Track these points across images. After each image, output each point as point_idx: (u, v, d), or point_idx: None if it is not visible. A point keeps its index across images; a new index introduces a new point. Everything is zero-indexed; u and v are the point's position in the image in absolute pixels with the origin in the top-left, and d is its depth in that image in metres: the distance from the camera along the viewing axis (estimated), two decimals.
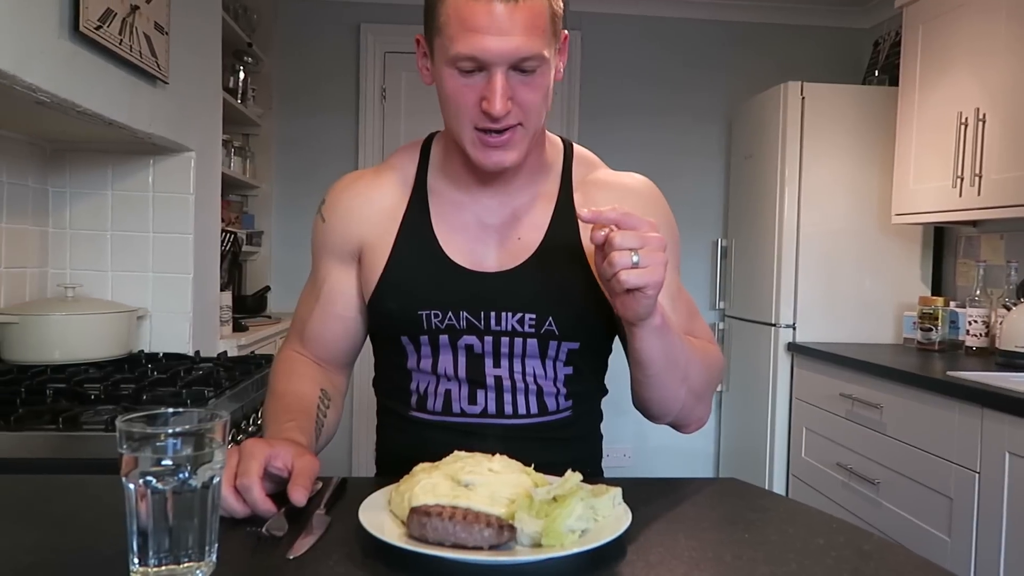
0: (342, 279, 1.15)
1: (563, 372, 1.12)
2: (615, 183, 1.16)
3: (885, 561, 0.79)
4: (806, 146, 3.20)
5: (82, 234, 2.24)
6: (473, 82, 0.97)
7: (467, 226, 1.11)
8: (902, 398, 2.41)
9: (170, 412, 0.72)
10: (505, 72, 0.96)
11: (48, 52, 1.51)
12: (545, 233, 1.10)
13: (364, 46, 3.82)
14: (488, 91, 0.96)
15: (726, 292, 3.87)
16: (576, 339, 1.10)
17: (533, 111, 1.01)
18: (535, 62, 0.97)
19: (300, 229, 3.82)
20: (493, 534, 0.72)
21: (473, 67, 0.96)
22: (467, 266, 1.09)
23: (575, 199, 1.13)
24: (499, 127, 0.99)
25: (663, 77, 3.95)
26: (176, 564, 0.68)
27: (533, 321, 1.07)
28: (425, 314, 1.07)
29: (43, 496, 0.94)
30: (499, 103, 0.96)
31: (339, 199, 1.16)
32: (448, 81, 0.99)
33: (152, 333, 2.26)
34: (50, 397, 1.60)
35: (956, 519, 2.14)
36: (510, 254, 1.10)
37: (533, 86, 0.99)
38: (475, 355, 1.09)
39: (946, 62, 2.73)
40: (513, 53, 0.94)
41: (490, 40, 0.93)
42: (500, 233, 1.11)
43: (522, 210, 1.12)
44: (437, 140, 1.17)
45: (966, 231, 3.14)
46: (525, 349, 1.09)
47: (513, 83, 0.97)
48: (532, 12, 0.95)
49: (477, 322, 1.08)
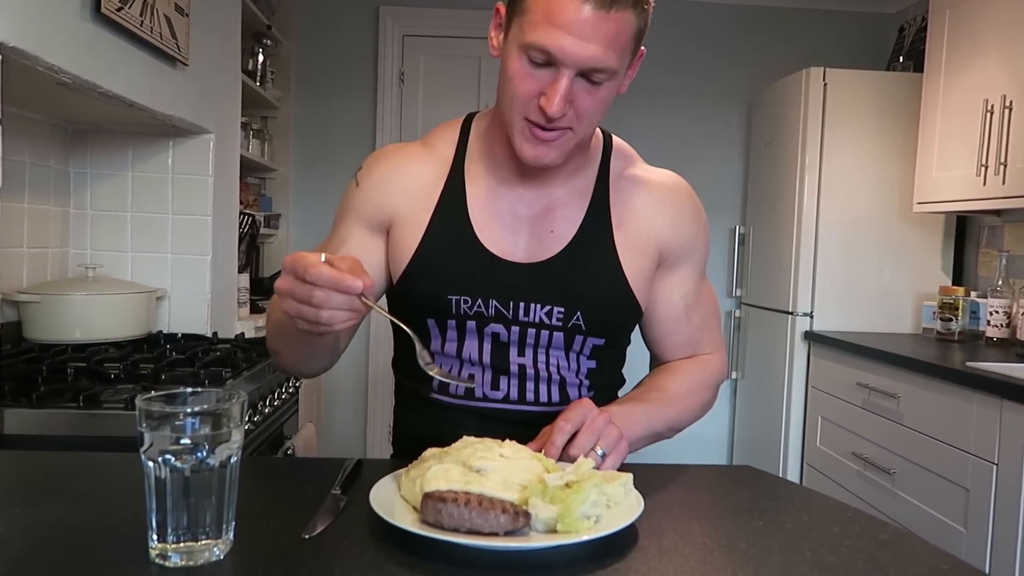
0: (364, 243, 1.11)
1: (586, 365, 1.12)
2: (649, 181, 1.15)
3: (900, 551, 0.78)
4: (827, 133, 3.16)
5: (103, 215, 2.26)
6: (539, 74, 0.95)
7: (500, 215, 1.10)
8: (920, 388, 2.39)
9: (188, 392, 0.73)
10: (572, 76, 0.94)
11: (70, 33, 1.52)
12: (579, 228, 1.09)
13: (383, 29, 3.81)
14: (551, 89, 0.94)
15: (743, 280, 3.84)
16: (602, 335, 1.10)
17: (587, 119, 0.99)
18: (605, 75, 0.95)
19: (318, 212, 3.83)
20: (509, 520, 0.72)
21: (543, 60, 0.94)
22: (500, 255, 1.08)
23: (610, 197, 1.11)
24: (551, 127, 0.98)
25: (683, 63, 3.91)
26: (194, 541, 0.69)
27: (561, 315, 1.07)
28: (455, 299, 1.07)
29: (64, 473, 0.96)
30: (557, 104, 0.94)
31: (377, 168, 1.13)
32: (514, 64, 0.97)
33: (171, 314, 2.28)
34: (71, 376, 1.62)
35: (972, 510, 2.13)
36: (542, 246, 1.09)
37: (595, 96, 0.97)
38: (500, 343, 1.09)
39: (973, 48, 2.68)
40: (587, 61, 0.92)
41: (569, 41, 0.91)
42: (533, 224, 1.10)
43: (557, 203, 1.10)
44: (477, 122, 1.15)
45: (989, 220, 3.09)
46: (551, 341, 1.09)
47: (576, 88, 0.95)
48: (619, 26, 0.92)
49: (506, 312, 1.07)
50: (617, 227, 1.10)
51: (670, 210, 1.13)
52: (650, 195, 1.13)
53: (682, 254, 1.14)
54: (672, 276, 1.15)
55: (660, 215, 1.12)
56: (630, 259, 1.09)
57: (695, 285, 1.18)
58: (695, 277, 1.17)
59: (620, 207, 1.11)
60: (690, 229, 1.15)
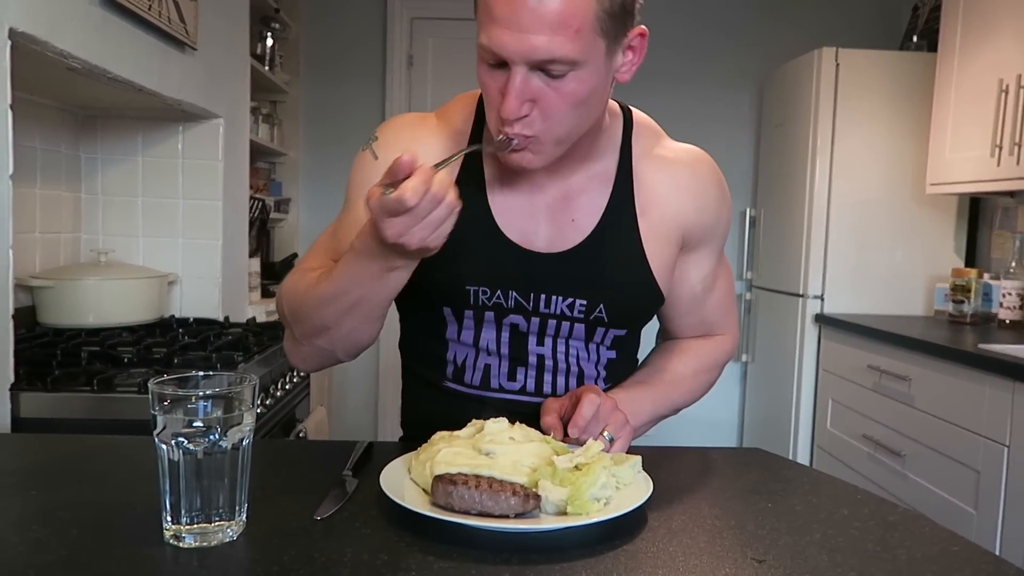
0: None
1: (606, 356, 1.10)
2: (674, 162, 1.08)
3: (910, 532, 0.79)
4: (839, 114, 3.13)
5: (114, 200, 2.27)
6: (496, 76, 0.89)
7: (519, 200, 1.04)
8: (932, 371, 2.38)
9: (201, 375, 0.74)
10: (525, 72, 0.86)
11: (79, 18, 1.52)
12: (601, 217, 1.03)
13: (391, 12, 3.79)
14: (504, 89, 0.87)
15: (754, 262, 3.83)
16: (624, 327, 1.08)
17: (556, 119, 0.90)
18: (563, 66, 0.86)
19: (327, 196, 3.83)
20: (519, 502, 0.73)
21: (495, 61, 0.88)
22: (520, 243, 1.03)
23: (634, 182, 1.05)
24: (511, 134, 0.90)
25: (692, 44, 3.87)
26: (207, 523, 0.70)
27: (583, 307, 1.04)
28: (473, 290, 1.02)
29: (79, 456, 0.97)
30: (510, 104, 0.87)
31: (397, 138, 1.05)
32: (479, 66, 0.92)
33: (183, 298, 2.29)
34: (85, 360, 1.64)
35: (983, 492, 2.13)
36: (562, 235, 1.03)
37: (561, 92, 0.88)
38: (519, 333, 1.06)
39: (988, 27, 2.64)
40: (533, 53, 0.84)
41: (509, 36, 0.84)
42: (552, 211, 1.04)
43: (576, 190, 1.04)
44: None
45: (1003, 201, 3.06)
46: (572, 332, 1.06)
47: (536, 85, 0.87)
48: (566, 10, 0.83)
49: (526, 303, 1.03)
50: (642, 215, 1.04)
51: (696, 192, 1.08)
52: (675, 177, 1.07)
53: (703, 236, 1.10)
54: (691, 258, 1.11)
55: (686, 198, 1.07)
56: (655, 248, 1.05)
57: (713, 267, 1.14)
58: (714, 258, 1.14)
59: (644, 192, 1.05)
60: (714, 211, 1.10)
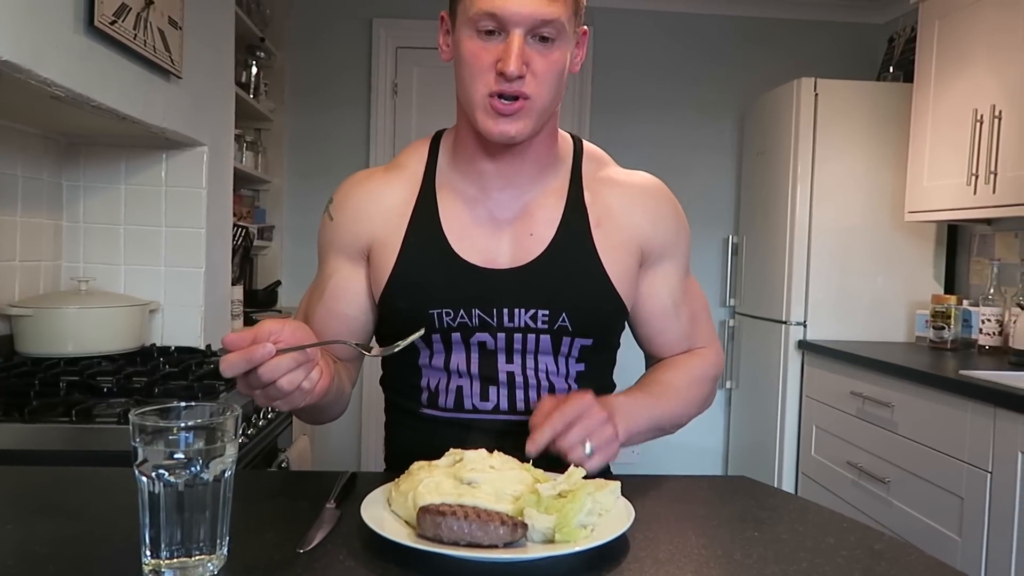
0: (349, 276, 1.14)
1: (575, 369, 1.12)
2: (625, 182, 1.16)
3: (897, 561, 0.79)
4: (819, 142, 3.18)
5: (95, 228, 2.25)
6: (491, 44, 0.99)
7: (480, 222, 1.10)
8: (914, 397, 2.39)
9: (182, 406, 0.73)
10: (523, 36, 0.97)
11: (63, 47, 1.52)
12: (557, 228, 1.10)
13: (376, 41, 3.82)
14: (504, 52, 0.97)
15: (737, 289, 3.85)
16: (589, 335, 1.11)
17: (546, 85, 1.01)
18: (554, 29, 0.98)
19: (311, 224, 3.80)
20: (508, 532, 0.72)
21: (493, 27, 0.98)
22: (478, 263, 1.08)
23: (585, 197, 1.12)
24: (512, 91, 0.99)
25: (675, 72, 3.93)
26: (188, 557, 0.69)
27: (546, 317, 1.08)
28: (436, 313, 1.07)
29: (57, 488, 0.95)
30: (514, 62, 0.97)
31: (348, 197, 1.15)
32: (466, 43, 1.00)
33: (164, 327, 2.27)
34: (63, 390, 1.61)
35: (967, 519, 2.13)
36: (523, 250, 1.09)
37: (549, 59, 1.00)
38: (488, 351, 1.09)
39: (962, 58, 2.70)
40: (532, 15, 0.96)
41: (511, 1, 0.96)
42: (514, 228, 1.10)
43: (534, 205, 1.11)
44: (446, 136, 1.17)
45: (980, 229, 3.11)
46: (538, 345, 1.09)
47: (530, 52, 0.98)
48: None
49: (490, 319, 1.08)
50: (595, 226, 1.10)
51: (648, 208, 1.14)
52: (626, 195, 1.14)
53: (663, 251, 1.15)
54: (656, 274, 1.16)
55: (638, 213, 1.13)
56: (611, 257, 1.10)
57: (680, 282, 1.18)
58: (679, 274, 1.18)
59: (597, 207, 1.12)
60: (669, 226, 1.16)
